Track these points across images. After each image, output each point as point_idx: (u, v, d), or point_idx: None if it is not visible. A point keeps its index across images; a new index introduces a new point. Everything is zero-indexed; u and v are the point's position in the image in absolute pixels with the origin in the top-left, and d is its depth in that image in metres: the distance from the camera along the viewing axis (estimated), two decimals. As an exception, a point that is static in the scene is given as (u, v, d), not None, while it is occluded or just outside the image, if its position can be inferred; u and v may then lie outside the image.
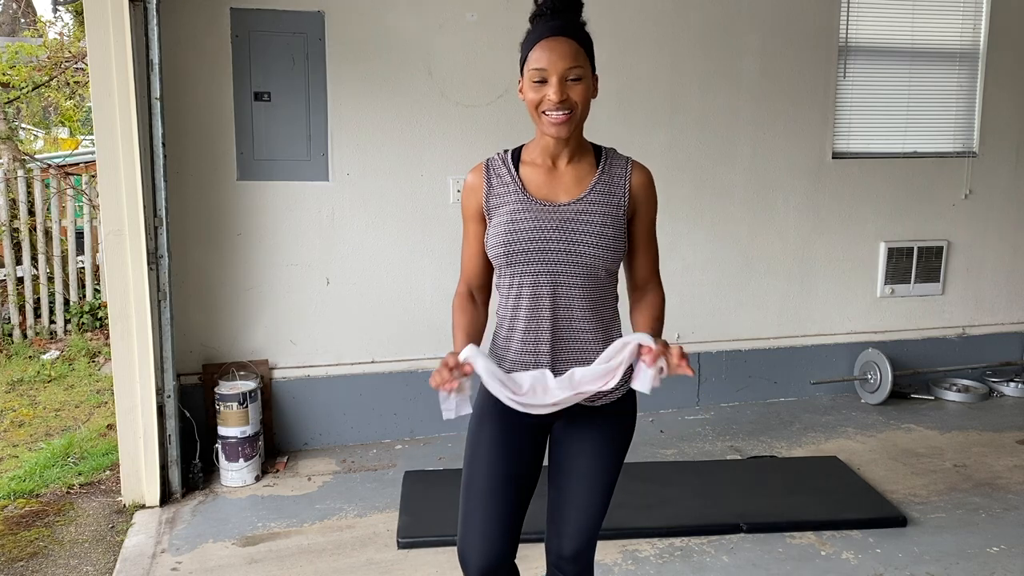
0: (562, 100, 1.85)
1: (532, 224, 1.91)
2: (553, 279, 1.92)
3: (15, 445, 4.45)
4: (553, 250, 1.90)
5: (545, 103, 1.87)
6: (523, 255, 1.91)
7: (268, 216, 4.06)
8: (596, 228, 1.91)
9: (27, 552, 3.26)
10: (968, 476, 3.93)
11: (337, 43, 4.02)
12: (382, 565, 3.14)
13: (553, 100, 1.85)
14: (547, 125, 1.89)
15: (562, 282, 1.92)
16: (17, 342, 6.33)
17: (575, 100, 1.87)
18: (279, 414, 4.18)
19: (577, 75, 1.86)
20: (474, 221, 2.02)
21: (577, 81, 1.87)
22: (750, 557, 3.19)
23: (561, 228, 1.91)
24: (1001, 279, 5.29)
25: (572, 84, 1.87)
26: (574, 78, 1.86)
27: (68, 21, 10.27)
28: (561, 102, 1.85)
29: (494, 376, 1.84)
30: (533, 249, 1.90)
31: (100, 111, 3.37)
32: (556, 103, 1.85)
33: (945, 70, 5.00)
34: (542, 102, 1.87)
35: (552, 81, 1.85)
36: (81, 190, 6.83)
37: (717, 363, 4.83)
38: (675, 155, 4.57)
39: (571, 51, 1.86)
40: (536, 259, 1.91)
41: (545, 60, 1.85)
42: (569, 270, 1.91)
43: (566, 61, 1.85)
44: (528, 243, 1.90)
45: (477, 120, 4.25)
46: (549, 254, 1.90)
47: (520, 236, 1.91)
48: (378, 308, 4.25)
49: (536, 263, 1.91)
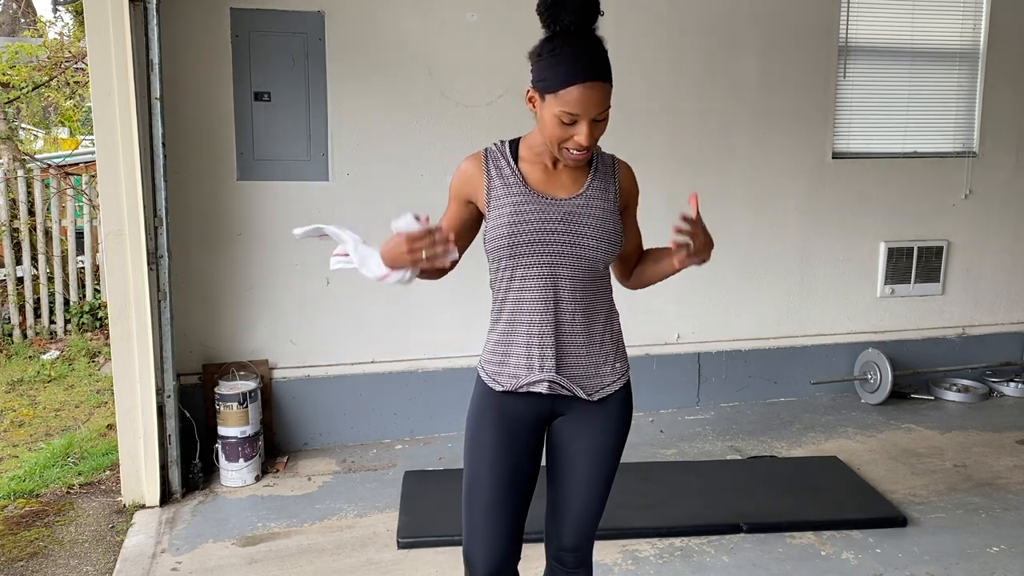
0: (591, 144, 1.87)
1: (536, 216, 1.92)
2: (554, 271, 1.93)
3: (15, 445, 4.46)
4: (557, 242, 1.92)
5: (572, 143, 1.87)
6: (527, 247, 1.92)
7: (268, 216, 4.06)
8: (597, 222, 1.94)
9: (27, 552, 3.26)
10: (968, 476, 3.93)
11: (337, 43, 4.02)
12: (382, 565, 3.14)
13: (583, 144, 1.85)
14: (566, 159, 1.91)
15: (563, 275, 1.94)
16: (17, 342, 6.34)
17: (596, 137, 1.89)
18: (279, 414, 4.19)
19: (604, 116, 1.88)
20: (460, 203, 2.03)
21: (602, 121, 1.88)
22: (750, 557, 3.19)
23: (564, 221, 1.92)
24: (1001, 279, 5.29)
25: (597, 124, 1.87)
26: (601, 119, 1.87)
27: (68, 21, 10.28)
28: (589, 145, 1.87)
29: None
30: (537, 240, 1.92)
31: (100, 111, 3.37)
32: (585, 147, 1.86)
33: (945, 70, 5.00)
34: (569, 141, 1.87)
35: (582, 125, 1.84)
36: (81, 190, 6.84)
37: (717, 363, 4.83)
38: (675, 155, 4.57)
39: (605, 97, 1.85)
40: (539, 251, 1.92)
41: (580, 107, 1.82)
42: (571, 263, 1.93)
43: (599, 107, 1.84)
44: (532, 235, 1.92)
45: (477, 120, 4.24)
46: (553, 246, 1.92)
47: (524, 227, 1.92)
48: (378, 308, 4.25)
49: (539, 255, 1.93)
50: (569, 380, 1.98)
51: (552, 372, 1.96)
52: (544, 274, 1.94)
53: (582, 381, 1.99)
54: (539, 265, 1.93)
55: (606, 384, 2.01)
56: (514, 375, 1.98)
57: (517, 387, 1.98)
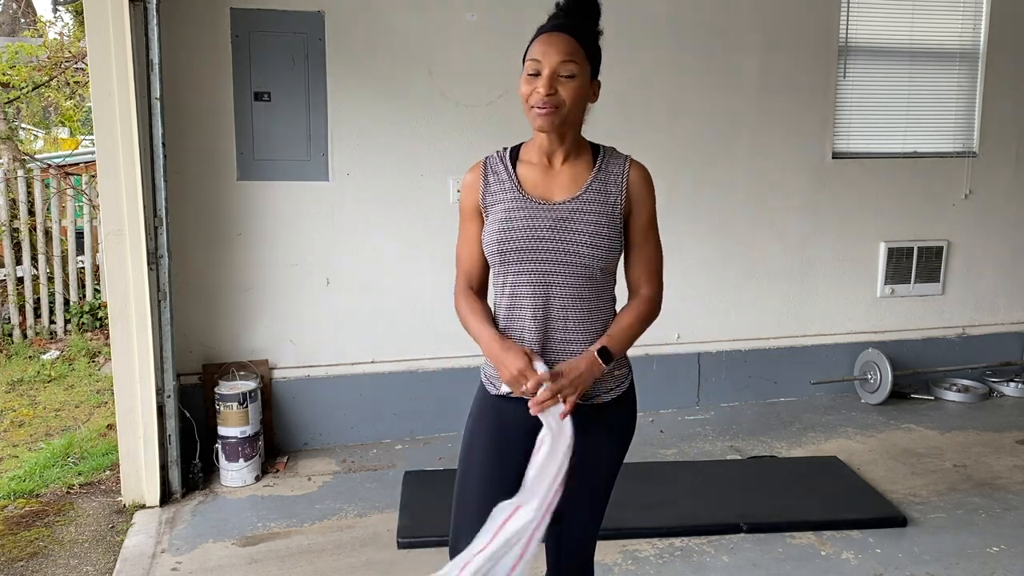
0: (550, 94, 1.83)
1: (526, 222, 1.90)
2: (547, 277, 1.91)
3: (15, 445, 4.45)
4: (547, 248, 1.89)
5: (534, 96, 1.85)
6: (517, 253, 1.90)
7: (268, 216, 4.06)
8: (591, 227, 1.90)
9: (27, 552, 3.26)
10: (968, 476, 3.93)
11: (337, 43, 4.02)
12: (382, 565, 3.14)
13: (541, 93, 1.84)
14: (533, 117, 1.88)
15: (557, 281, 1.91)
16: (17, 342, 6.33)
17: (563, 97, 1.85)
18: (279, 414, 4.18)
19: (570, 71, 1.85)
20: (472, 220, 2.01)
21: (570, 78, 1.85)
22: (750, 557, 3.19)
23: (555, 227, 1.90)
24: (1001, 279, 5.29)
25: (564, 80, 1.85)
26: (567, 75, 1.85)
27: (68, 21, 10.28)
28: (549, 96, 1.84)
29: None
30: (527, 248, 1.90)
31: (100, 111, 3.37)
32: (543, 96, 1.84)
33: (945, 70, 5.00)
34: (532, 95, 1.86)
35: (544, 74, 1.84)
36: (81, 190, 6.83)
37: (717, 363, 4.83)
38: (675, 155, 4.57)
39: (567, 47, 1.84)
40: (530, 257, 1.90)
41: (539, 52, 1.85)
42: (564, 269, 1.90)
43: (560, 55, 1.83)
44: (521, 241, 1.90)
45: (477, 120, 4.25)
46: (543, 252, 1.89)
47: (514, 234, 1.90)
48: (378, 308, 4.25)
49: (530, 261, 1.90)
50: None
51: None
52: (535, 280, 1.91)
53: None
54: (529, 272, 1.91)
55: (604, 391, 1.98)
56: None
57: (511, 392, 1.97)
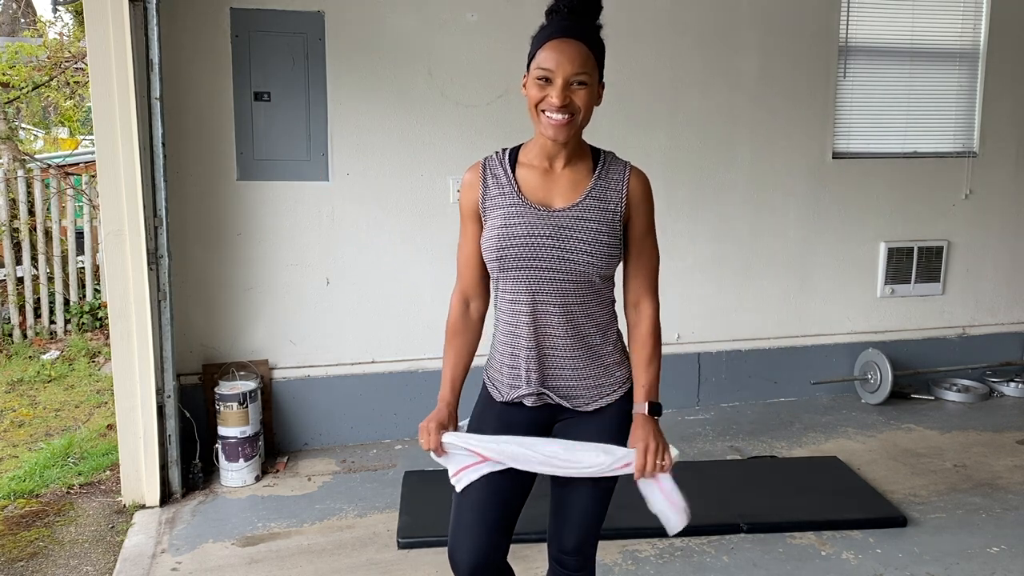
0: (564, 104, 1.82)
1: (525, 229, 1.89)
2: (547, 284, 1.90)
3: (15, 445, 4.46)
4: (547, 256, 1.88)
5: (546, 103, 1.83)
6: (516, 260, 1.89)
7: (268, 216, 4.06)
8: (591, 235, 1.89)
9: (27, 552, 3.26)
10: (968, 476, 3.93)
11: (337, 43, 4.02)
12: (382, 565, 3.14)
13: (555, 103, 1.81)
14: (545, 126, 1.85)
15: (554, 288, 1.90)
16: (17, 342, 6.34)
17: (577, 105, 1.83)
18: (279, 414, 4.18)
19: (583, 80, 1.82)
20: (472, 220, 2.00)
21: (582, 86, 1.83)
22: (750, 557, 3.19)
23: (554, 235, 1.88)
24: (1001, 279, 5.29)
25: (576, 89, 1.83)
26: (579, 83, 1.82)
27: (68, 21, 10.28)
28: (563, 106, 1.82)
29: (471, 449, 1.93)
30: (526, 255, 1.88)
31: (100, 111, 3.37)
32: (557, 106, 1.82)
33: (945, 70, 5.00)
34: (543, 101, 1.83)
35: (557, 83, 1.81)
36: (81, 190, 6.83)
37: (717, 363, 4.83)
38: (675, 155, 4.57)
39: (580, 55, 1.81)
40: (530, 264, 1.89)
41: (553, 61, 1.81)
42: (563, 276, 1.89)
43: (574, 65, 1.80)
44: (521, 248, 1.88)
45: (477, 120, 4.25)
46: (542, 260, 1.88)
47: (513, 241, 1.88)
48: (378, 308, 4.25)
49: (529, 268, 1.89)
50: (556, 393, 1.96)
51: (537, 386, 1.95)
52: (532, 287, 1.90)
53: (571, 393, 1.97)
54: (528, 279, 1.90)
55: (604, 395, 1.98)
56: (508, 384, 1.98)
57: (509, 399, 1.97)
